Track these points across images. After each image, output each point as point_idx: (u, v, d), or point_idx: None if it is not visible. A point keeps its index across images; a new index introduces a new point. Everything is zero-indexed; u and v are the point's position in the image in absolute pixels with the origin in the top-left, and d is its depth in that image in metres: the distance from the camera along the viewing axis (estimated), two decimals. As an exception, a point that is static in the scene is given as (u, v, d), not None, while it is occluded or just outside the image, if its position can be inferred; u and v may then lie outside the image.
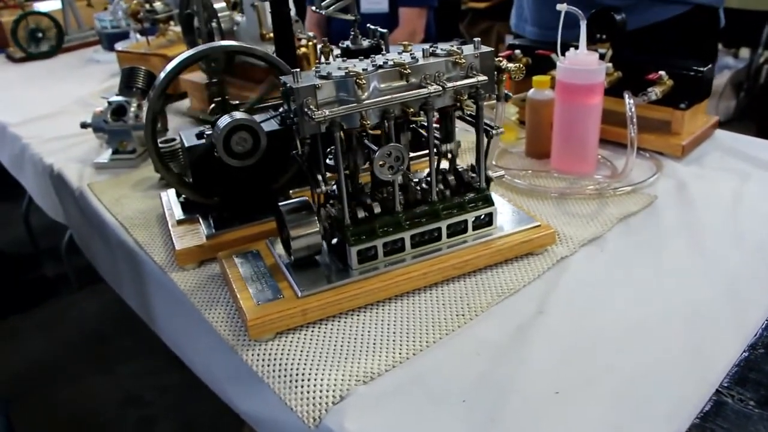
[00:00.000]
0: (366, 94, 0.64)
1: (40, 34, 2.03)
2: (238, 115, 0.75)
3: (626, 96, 0.87)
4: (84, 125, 1.18)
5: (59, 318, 2.19)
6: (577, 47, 0.92)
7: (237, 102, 0.89)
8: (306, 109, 0.62)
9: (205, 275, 0.79)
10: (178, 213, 0.88)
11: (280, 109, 0.69)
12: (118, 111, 1.15)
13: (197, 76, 1.31)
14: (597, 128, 0.96)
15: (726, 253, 0.75)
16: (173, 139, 1.00)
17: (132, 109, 1.16)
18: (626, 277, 0.72)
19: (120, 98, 1.16)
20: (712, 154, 1.03)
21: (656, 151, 1.02)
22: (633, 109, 0.86)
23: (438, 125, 0.74)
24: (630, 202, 0.88)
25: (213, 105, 0.88)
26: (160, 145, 1.02)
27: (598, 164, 0.99)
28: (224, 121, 0.74)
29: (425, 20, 2.32)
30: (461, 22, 3.68)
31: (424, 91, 0.65)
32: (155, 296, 0.88)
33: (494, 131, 0.72)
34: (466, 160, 1.04)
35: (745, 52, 3.73)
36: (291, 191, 0.89)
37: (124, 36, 1.89)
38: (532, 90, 1.02)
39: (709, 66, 1.00)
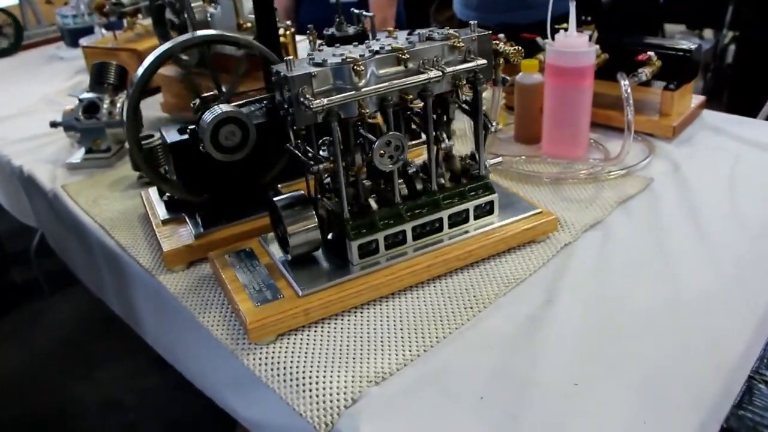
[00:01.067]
0: (364, 81, 0.61)
1: (-3, 31, 1.94)
2: (226, 107, 0.71)
3: (621, 77, 0.85)
4: (54, 124, 1.12)
5: (32, 325, 2.11)
6: (560, 30, 0.90)
7: (210, 94, 0.85)
8: (302, 99, 0.59)
9: (196, 277, 0.75)
10: (162, 213, 0.84)
11: (266, 101, 0.66)
12: (90, 108, 1.10)
13: (170, 70, 1.26)
14: (588, 111, 0.94)
15: (730, 236, 0.75)
16: (151, 136, 0.95)
17: (105, 105, 1.11)
18: (632, 263, 0.71)
19: (91, 95, 1.11)
20: (702, 133, 1.02)
21: (647, 132, 1.01)
22: (629, 91, 0.85)
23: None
24: (626, 185, 0.86)
25: (196, 101, 0.84)
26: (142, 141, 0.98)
27: (589, 147, 0.98)
28: (211, 114, 0.70)
29: (395, 8, 2.29)
30: (429, 9, 3.65)
31: (424, 76, 0.63)
32: (141, 300, 0.84)
33: (492, 127, 0.69)
34: (459, 148, 1.02)
35: (708, 33, 3.79)
36: (279, 185, 0.85)
37: (88, 31, 1.82)
38: (520, 74, 1.00)
39: (697, 45, 0.99)
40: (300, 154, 0.66)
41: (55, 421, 1.75)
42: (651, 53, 0.97)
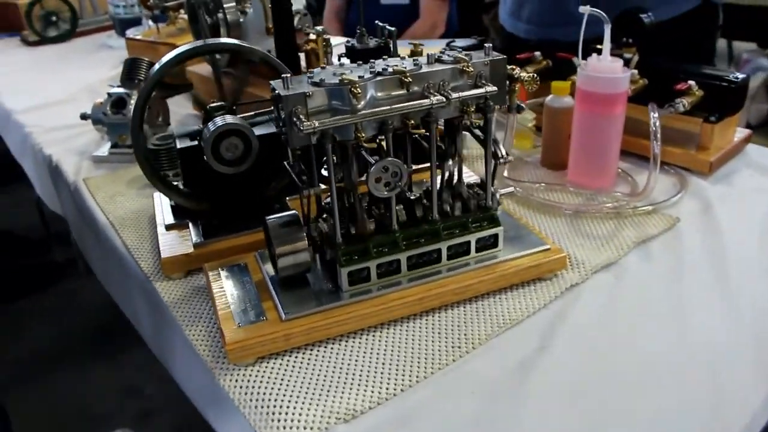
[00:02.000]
0: (362, 103, 0.58)
1: (54, 18, 2.00)
2: (229, 119, 0.70)
3: (651, 109, 0.80)
4: (84, 117, 1.14)
5: (65, 303, 2.18)
6: (599, 51, 0.86)
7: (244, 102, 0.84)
8: (295, 119, 0.57)
9: (191, 287, 0.74)
10: (169, 217, 0.83)
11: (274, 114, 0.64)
12: (118, 103, 1.11)
13: (203, 69, 1.27)
14: (618, 141, 0.89)
15: (753, 288, 0.69)
16: (171, 136, 0.95)
17: (132, 101, 1.11)
18: (641, 311, 0.66)
19: (120, 90, 1.12)
20: (743, 171, 0.96)
21: (681, 166, 0.95)
22: (657, 124, 0.80)
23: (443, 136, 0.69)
24: (650, 223, 0.81)
25: (210, 106, 0.83)
26: (156, 142, 0.98)
27: (617, 178, 0.93)
28: (213, 125, 0.69)
29: (446, 13, 2.25)
30: (486, 15, 3.59)
31: (425, 102, 0.60)
32: (142, 303, 0.84)
33: (502, 159, 0.66)
34: (476, 168, 0.98)
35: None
36: (287, 198, 0.84)
37: (137, 22, 1.85)
38: (550, 96, 0.96)
39: (745, 76, 0.93)
40: (294, 175, 0.64)
41: (75, 401, 1.79)
42: (691, 82, 0.91)
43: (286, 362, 0.61)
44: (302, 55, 1.09)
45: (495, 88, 0.62)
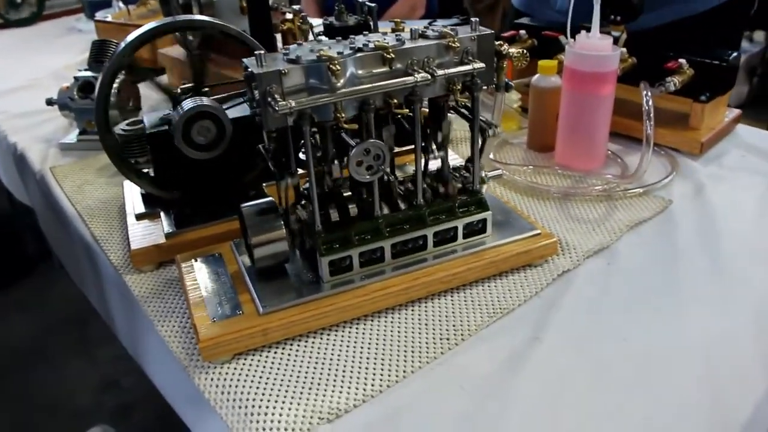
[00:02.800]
0: (341, 81, 0.55)
1: (19, 0, 1.92)
2: (201, 101, 0.66)
3: (643, 87, 0.77)
4: (50, 102, 1.09)
5: (40, 296, 2.11)
6: (588, 29, 0.82)
7: (215, 84, 0.79)
8: (270, 99, 0.53)
9: (163, 279, 0.70)
10: (139, 206, 0.79)
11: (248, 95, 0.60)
12: (85, 88, 1.05)
13: (176, 51, 1.22)
14: (608, 121, 0.87)
15: (750, 273, 0.67)
16: (141, 121, 0.90)
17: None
18: (636, 298, 0.64)
19: (88, 74, 1.07)
20: (733, 152, 0.93)
21: (671, 147, 0.92)
22: (651, 103, 0.77)
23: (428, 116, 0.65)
24: (641, 206, 0.78)
25: (180, 87, 0.78)
26: (126, 127, 0.93)
27: (606, 160, 0.90)
28: (183, 107, 0.65)
29: (426, -6, 2.20)
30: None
31: (409, 79, 0.56)
32: (112, 297, 0.80)
33: (490, 131, 0.62)
34: (461, 152, 0.95)
35: (760, 35, 3.59)
36: (264, 184, 0.80)
37: (107, 4, 1.78)
38: (536, 76, 0.93)
39: (735, 54, 0.90)
40: (269, 159, 0.60)
41: (50, 397, 1.74)
42: (682, 61, 0.88)
43: (265, 359, 0.57)
44: (279, 36, 1.04)
45: (483, 65, 0.59)
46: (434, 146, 0.63)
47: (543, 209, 0.79)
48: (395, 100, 0.57)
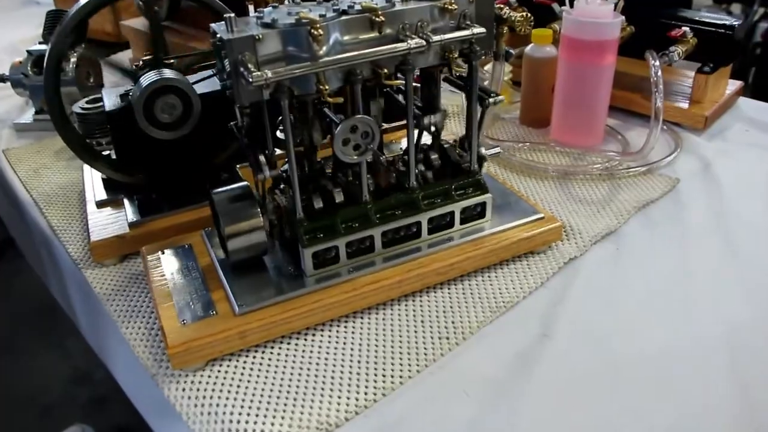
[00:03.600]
0: (324, 49, 0.48)
1: (-29, -30, 1.79)
2: (164, 73, 0.59)
3: (650, 56, 0.71)
4: (1, 79, 0.99)
5: (5, 287, 2.02)
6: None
7: (179, 56, 0.72)
8: (242, 69, 0.46)
9: (127, 274, 0.63)
10: (100, 192, 0.72)
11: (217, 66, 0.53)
12: (40, 62, 0.96)
13: (140, 23, 1.13)
14: (608, 94, 0.81)
15: (767, 255, 0.62)
16: (100, 99, 0.82)
17: (57, 59, 0.97)
18: (649, 287, 0.58)
19: (42, 47, 0.98)
20: (736, 126, 0.88)
21: (673, 122, 0.87)
22: (659, 74, 0.71)
23: (419, 89, 0.59)
24: (647, 185, 0.73)
25: (144, 59, 0.70)
26: (85, 105, 0.85)
27: (605, 136, 0.85)
28: (145, 81, 0.57)
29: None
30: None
31: (402, 45, 0.49)
32: (74, 292, 0.72)
33: (491, 99, 0.56)
34: (451, 129, 0.89)
35: (737, 8, 3.56)
36: (238, 166, 0.73)
37: (66, -26, 1.67)
38: (530, 46, 0.86)
39: (740, 22, 0.84)
40: (242, 139, 0.53)
41: (21, 390, 1.67)
42: (686, 29, 0.83)
43: (243, 365, 0.51)
44: (251, 7, 0.96)
45: (483, 30, 0.52)
46: (428, 121, 0.57)
47: (541, 189, 0.73)
48: (385, 70, 0.50)
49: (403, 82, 0.52)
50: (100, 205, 0.69)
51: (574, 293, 0.57)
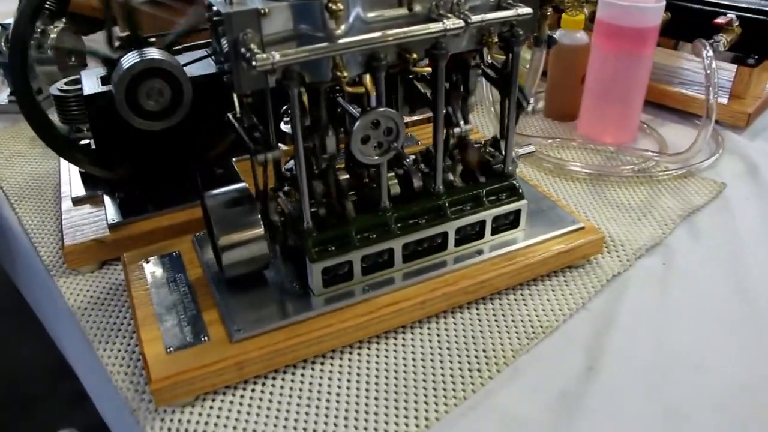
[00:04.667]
0: (343, 27, 0.39)
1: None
2: (151, 53, 0.50)
3: (701, 46, 0.63)
4: (-27, 56, 0.90)
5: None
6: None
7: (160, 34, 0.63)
8: (244, 51, 0.37)
9: (106, 284, 0.55)
10: (78, 187, 0.63)
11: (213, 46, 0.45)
12: (15, 38, 0.87)
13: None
14: (644, 87, 0.73)
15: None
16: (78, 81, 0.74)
17: (35, 35, 0.88)
18: (705, 311, 0.51)
19: (18, 21, 0.88)
20: (780, 124, 0.81)
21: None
22: (713, 66, 0.63)
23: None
24: (690, 190, 0.66)
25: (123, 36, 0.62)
26: (63, 87, 0.76)
27: (638, 133, 0.77)
28: (126, 63, 0.49)
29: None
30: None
31: (436, 26, 0.41)
32: (46, 300, 0.65)
33: (528, 106, 0.48)
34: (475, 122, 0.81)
35: None
36: (234, 160, 0.65)
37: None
38: (559, 31, 0.78)
39: (789, 10, 0.77)
40: (242, 133, 0.45)
41: (4, 383, 1.60)
42: (732, 15, 0.75)
43: (240, 399, 0.43)
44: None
45: (529, 10, 0.44)
46: (459, 116, 0.49)
47: (573, 193, 0.66)
48: (414, 55, 0.42)
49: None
50: (77, 202, 0.61)
51: (621, 317, 0.50)
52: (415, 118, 0.68)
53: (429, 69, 0.44)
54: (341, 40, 0.39)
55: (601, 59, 0.72)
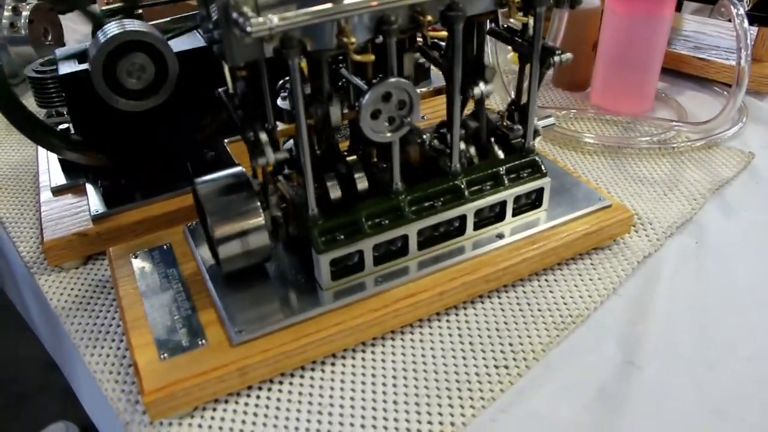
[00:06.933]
0: (348, -13, 0.34)
1: None
2: (130, 24, 0.45)
3: (731, 5, 0.58)
4: (-57, 34, 0.84)
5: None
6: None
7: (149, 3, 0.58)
8: (236, 16, 0.32)
9: (92, 281, 0.51)
10: (58, 176, 0.58)
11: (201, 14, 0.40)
12: (-13, 15, 0.82)
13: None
14: (662, 52, 0.68)
15: None
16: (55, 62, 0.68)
17: (6, 14, 0.82)
18: (745, 294, 0.47)
19: (-11, -3, 0.83)
20: (802, 88, 0.76)
21: (728, 83, 0.75)
22: (746, 25, 0.58)
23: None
24: (716, 161, 0.61)
25: (102, 8, 0.56)
26: (39, 68, 0.71)
27: (655, 102, 0.73)
28: (102, 36, 0.44)
29: None
30: None
31: (453, -17, 0.36)
32: (30, 300, 0.60)
33: (558, 57, 0.44)
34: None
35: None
36: (226, 141, 0.60)
37: None
38: (569, -5, 0.73)
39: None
40: (233, 110, 0.40)
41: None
42: (753, -28, 0.70)
43: (243, 409, 0.39)
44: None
45: (554, -35, 0.39)
46: (478, 83, 0.44)
47: (592, 168, 0.61)
48: (429, 17, 0.37)
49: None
50: (57, 192, 0.56)
51: (657, 304, 0.45)
52: (427, 89, 0.63)
53: (445, 33, 0.39)
54: (348, 2, 0.34)
55: (616, 23, 0.67)
